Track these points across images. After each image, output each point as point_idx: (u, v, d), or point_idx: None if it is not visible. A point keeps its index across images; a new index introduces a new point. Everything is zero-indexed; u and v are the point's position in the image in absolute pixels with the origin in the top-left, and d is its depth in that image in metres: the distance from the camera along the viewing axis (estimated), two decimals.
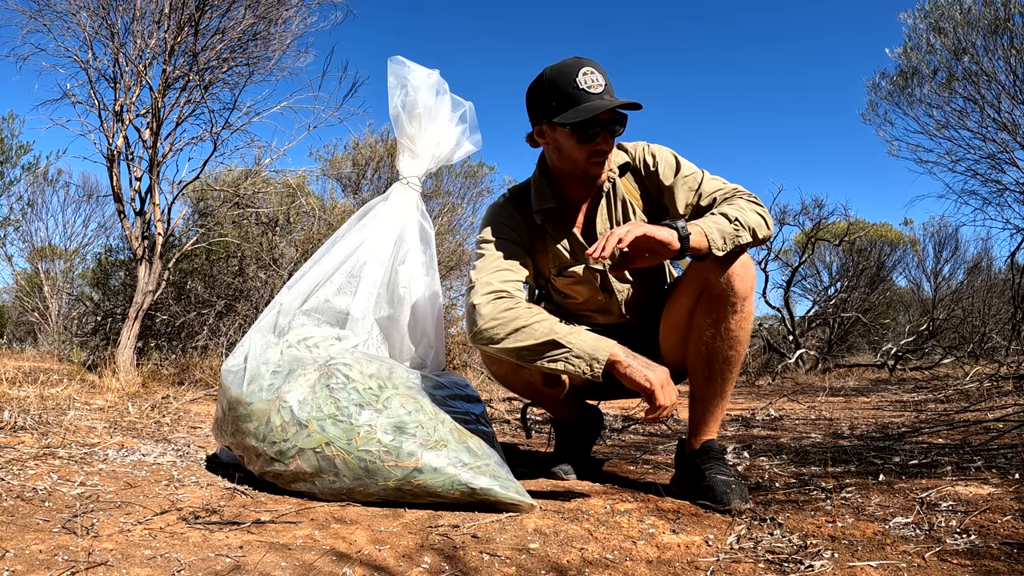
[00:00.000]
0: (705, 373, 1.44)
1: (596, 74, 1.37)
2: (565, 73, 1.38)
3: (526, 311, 1.37)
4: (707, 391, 1.45)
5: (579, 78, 1.37)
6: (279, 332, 1.59)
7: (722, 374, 1.43)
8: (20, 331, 9.57)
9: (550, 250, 1.57)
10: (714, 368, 1.43)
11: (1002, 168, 5.11)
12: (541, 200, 1.53)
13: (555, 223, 1.55)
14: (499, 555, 1.05)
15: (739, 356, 1.42)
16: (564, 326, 1.35)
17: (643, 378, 1.27)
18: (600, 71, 1.39)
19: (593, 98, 1.36)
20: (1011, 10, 4.71)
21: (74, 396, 2.56)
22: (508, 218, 1.56)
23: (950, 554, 0.98)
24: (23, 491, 1.24)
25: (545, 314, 1.38)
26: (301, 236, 5.26)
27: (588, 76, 1.37)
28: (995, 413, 2.38)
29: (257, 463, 1.39)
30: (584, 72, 1.37)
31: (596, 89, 1.37)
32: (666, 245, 1.26)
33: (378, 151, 7.60)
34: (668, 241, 1.26)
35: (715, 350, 1.41)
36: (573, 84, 1.37)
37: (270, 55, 4.10)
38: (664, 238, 1.26)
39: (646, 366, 1.30)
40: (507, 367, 1.56)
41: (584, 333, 1.34)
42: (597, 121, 1.39)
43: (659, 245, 1.27)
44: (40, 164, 8.98)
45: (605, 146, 1.42)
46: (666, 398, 1.27)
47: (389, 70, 1.67)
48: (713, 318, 1.39)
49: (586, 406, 1.84)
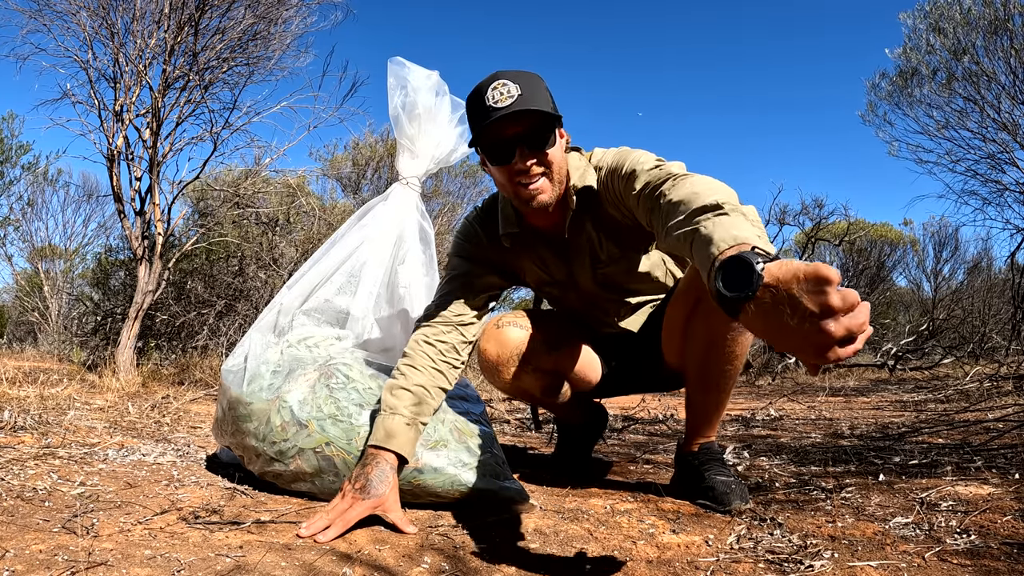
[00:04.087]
0: (702, 384, 1.41)
1: (509, 85, 1.20)
2: (478, 91, 1.23)
3: (396, 387, 1.29)
4: (705, 400, 1.43)
5: (488, 94, 1.20)
6: (279, 332, 1.59)
7: (719, 387, 1.39)
8: (20, 331, 9.57)
9: (525, 266, 1.50)
10: (710, 382, 1.39)
11: (1002, 168, 5.12)
12: (506, 224, 1.42)
13: (523, 245, 1.46)
14: (499, 555, 1.05)
15: (737, 369, 1.36)
16: (383, 430, 1.24)
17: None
18: (518, 82, 1.21)
19: (499, 113, 1.19)
20: (1011, 10, 4.71)
21: (74, 396, 2.56)
22: (474, 237, 1.49)
23: (950, 554, 0.98)
24: (23, 491, 1.24)
25: (397, 401, 1.27)
26: (301, 236, 5.26)
27: (497, 90, 1.20)
28: (995, 413, 2.37)
29: (257, 463, 1.39)
30: (494, 87, 1.20)
31: (504, 103, 1.19)
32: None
33: (378, 151, 7.61)
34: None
35: (712, 363, 1.36)
36: (483, 102, 1.21)
37: (270, 55, 4.10)
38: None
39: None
40: (502, 380, 1.51)
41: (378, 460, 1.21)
42: (504, 138, 1.23)
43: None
44: (40, 164, 9.00)
45: (523, 164, 1.23)
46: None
47: (389, 71, 1.67)
48: (709, 329, 1.32)
49: (590, 407, 1.81)
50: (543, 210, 1.31)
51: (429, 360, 1.34)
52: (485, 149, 1.26)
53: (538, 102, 1.21)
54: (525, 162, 1.23)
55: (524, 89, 1.20)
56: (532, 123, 1.22)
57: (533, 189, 1.26)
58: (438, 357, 1.35)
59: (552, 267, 1.48)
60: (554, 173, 1.28)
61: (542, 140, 1.24)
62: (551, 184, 1.28)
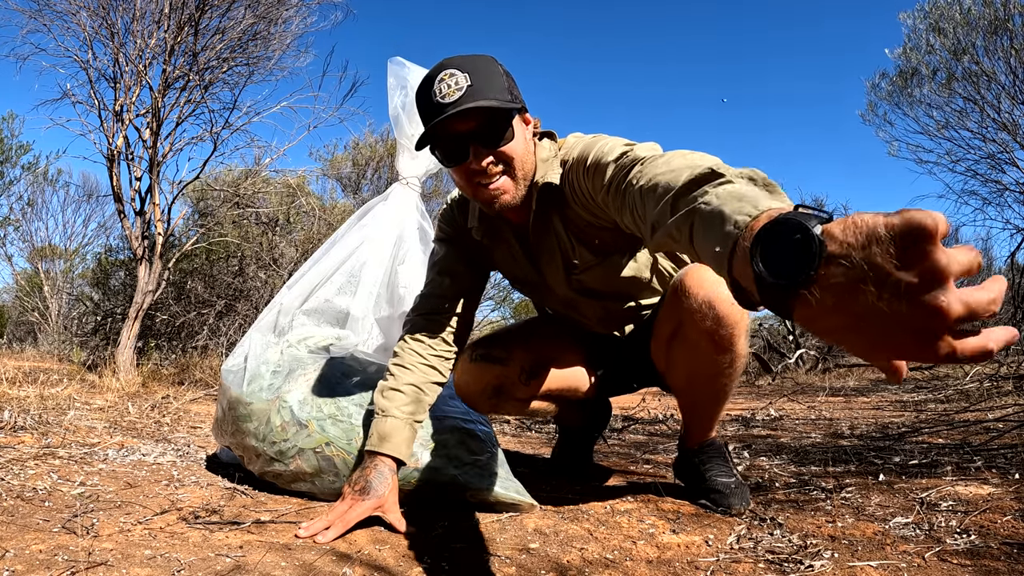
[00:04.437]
0: (691, 406, 1.39)
1: (457, 76, 1.06)
2: (426, 84, 1.10)
3: (396, 381, 1.27)
4: (697, 414, 1.40)
5: (435, 87, 1.08)
6: (279, 332, 1.59)
7: (709, 407, 1.35)
8: (20, 331, 9.57)
9: (498, 259, 1.39)
10: (698, 405, 1.36)
11: (1002, 168, 5.12)
12: (473, 216, 1.31)
13: (493, 238, 1.34)
14: (499, 555, 1.05)
15: (730, 389, 1.28)
16: (378, 434, 1.22)
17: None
18: (467, 70, 1.07)
19: (448, 111, 1.06)
20: (1011, 10, 4.71)
21: (74, 396, 2.56)
22: (453, 221, 1.39)
23: (950, 554, 0.98)
24: (23, 491, 1.24)
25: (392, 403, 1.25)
26: (301, 236, 5.26)
27: (443, 83, 1.07)
28: (995, 413, 2.37)
29: (257, 463, 1.39)
30: (440, 78, 1.07)
31: (452, 96, 1.06)
32: None
33: (378, 151, 7.61)
34: None
35: (698, 391, 1.31)
36: (430, 97, 1.08)
37: (270, 55, 4.11)
38: None
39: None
40: (480, 411, 1.47)
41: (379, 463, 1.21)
42: (456, 135, 1.09)
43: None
44: (40, 164, 9.00)
45: (478, 164, 1.10)
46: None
47: (389, 71, 1.67)
48: (690, 363, 1.25)
49: (591, 407, 1.75)
50: (509, 209, 1.18)
51: (418, 357, 1.31)
52: (436, 149, 1.13)
53: (491, 91, 1.07)
54: (480, 162, 1.10)
55: (475, 78, 1.07)
56: (485, 117, 1.08)
57: (494, 190, 1.13)
58: (427, 352, 1.31)
59: (524, 267, 1.36)
60: (517, 170, 1.13)
61: (497, 136, 1.09)
62: (514, 182, 1.14)
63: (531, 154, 1.17)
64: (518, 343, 1.45)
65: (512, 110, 1.10)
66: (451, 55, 1.11)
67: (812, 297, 0.45)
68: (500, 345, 1.43)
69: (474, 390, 1.42)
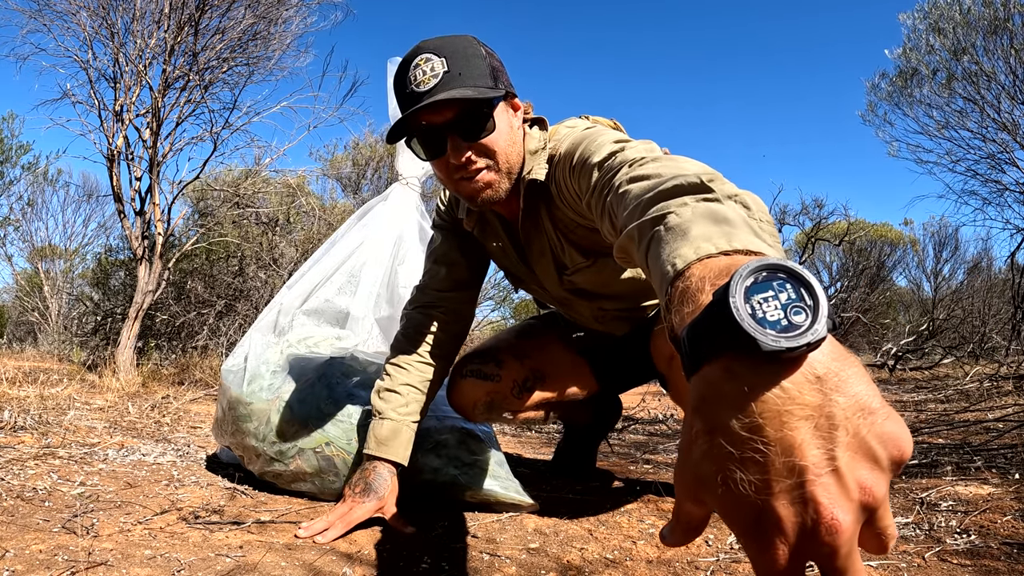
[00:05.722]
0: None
1: (433, 61, 0.97)
2: (401, 70, 1.01)
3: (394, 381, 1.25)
4: None
5: (409, 73, 0.99)
6: (279, 332, 1.59)
7: None
8: (20, 331, 9.57)
9: (490, 250, 1.31)
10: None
11: (1002, 168, 5.12)
12: (463, 208, 1.24)
13: (483, 229, 1.26)
14: (499, 555, 1.05)
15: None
16: (375, 438, 1.21)
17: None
18: (444, 54, 0.98)
19: (421, 99, 0.97)
20: (1011, 10, 4.71)
21: (74, 396, 2.56)
22: (449, 207, 1.32)
23: (950, 554, 0.98)
24: (23, 491, 1.24)
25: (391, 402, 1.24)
26: (301, 236, 5.26)
27: (418, 68, 0.98)
28: (995, 413, 2.37)
29: (257, 463, 1.39)
30: (415, 63, 0.98)
31: (428, 84, 0.97)
32: None
33: (378, 151, 7.61)
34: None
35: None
36: (405, 84, 1.00)
37: (270, 55, 4.11)
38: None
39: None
40: (474, 422, 1.43)
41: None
42: (431, 126, 0.99)
43: None
44: (40, 164, 9.00)
45: (457, 159, 1.01)
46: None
47: (389, 71, 1.67)
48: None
49: (598, 405, 1.69)
50: (495, 203, 1.09)
51: (415, 355, 1.28)
52: (412, 142, 1.03)
53: (470, 77, 0.98)
54: (459, 156, 1.00)
55: (452, 63, 0.97)
56: (463, 107, 0.98)
57: (476, 185, 1.03)
58: (424, 349, 1.29)
59: (515, 264, 1.28)
60: (501, 162, 1.03)
61: (477, 128, 1.00)
62: (498, 175, 1.04)
63: (517, 144, 1.07)
64: (511, 356, 1.39)
65: (494, 98, 1.00)
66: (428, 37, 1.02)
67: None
68: (492, 359, 1.38)
69: (466, 403, 1.39)
